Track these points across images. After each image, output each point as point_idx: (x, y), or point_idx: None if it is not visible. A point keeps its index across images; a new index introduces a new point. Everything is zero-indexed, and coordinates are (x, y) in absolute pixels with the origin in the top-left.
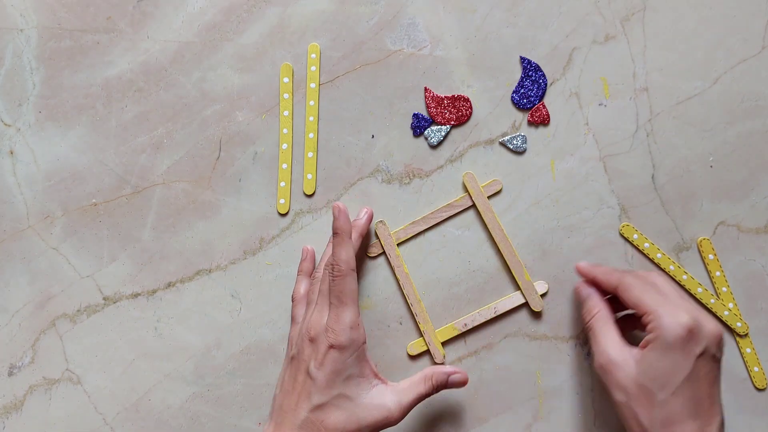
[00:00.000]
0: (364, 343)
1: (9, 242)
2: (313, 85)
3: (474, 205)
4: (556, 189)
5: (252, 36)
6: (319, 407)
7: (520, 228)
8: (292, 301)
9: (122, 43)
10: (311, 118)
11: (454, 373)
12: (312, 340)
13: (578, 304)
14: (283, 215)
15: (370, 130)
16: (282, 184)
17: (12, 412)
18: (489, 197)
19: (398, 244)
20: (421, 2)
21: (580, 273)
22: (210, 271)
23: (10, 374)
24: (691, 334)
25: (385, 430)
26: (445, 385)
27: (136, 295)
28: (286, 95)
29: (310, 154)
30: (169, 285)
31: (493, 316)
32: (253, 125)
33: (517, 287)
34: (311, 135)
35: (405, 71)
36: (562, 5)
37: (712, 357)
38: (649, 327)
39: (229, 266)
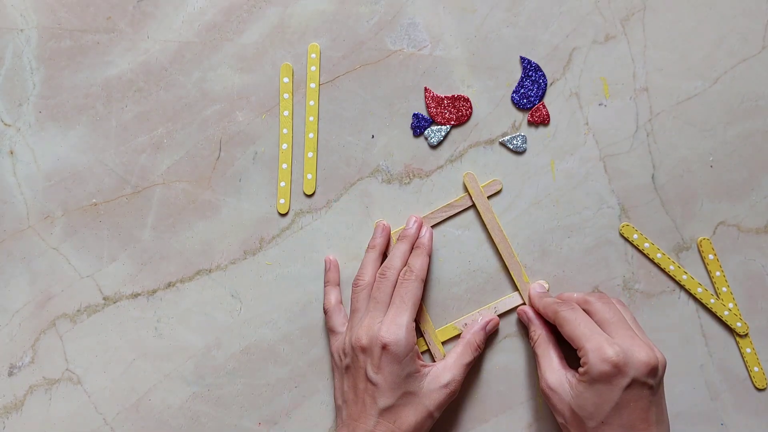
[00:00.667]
0: (416, 343)
1: (9, 242)
2: (313, 85)
3: (474, 205)
4: (556, 189)
5: (252, 36)
6: (388, 410)
7: (520, 228)
8: (325, 312)
9: (122, 43)
10: (311, 118)
11: (486, 324)
12: (365, 347)
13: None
14: (283, 215)
15: (370, 130)
16: (282, 184)
17: (12, 412)
18: (489, 197)
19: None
20: (421, 2)
21: (530, 298)
22: (210, 271)
23: (10, 374)
24: (617, 368)
25: None
26: (484, 341)
27: (136, 295)
28: (286, 95)
29: (310, 154)
30: (169, 285)
31: (493, 315)
32: (253, 125)
33: (516, 288)
34: (311, 135)
35: (405, 71)
36: (562, 5)
37: (643, 384)
38: (581, 361)
39: (229, 266)
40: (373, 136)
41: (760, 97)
